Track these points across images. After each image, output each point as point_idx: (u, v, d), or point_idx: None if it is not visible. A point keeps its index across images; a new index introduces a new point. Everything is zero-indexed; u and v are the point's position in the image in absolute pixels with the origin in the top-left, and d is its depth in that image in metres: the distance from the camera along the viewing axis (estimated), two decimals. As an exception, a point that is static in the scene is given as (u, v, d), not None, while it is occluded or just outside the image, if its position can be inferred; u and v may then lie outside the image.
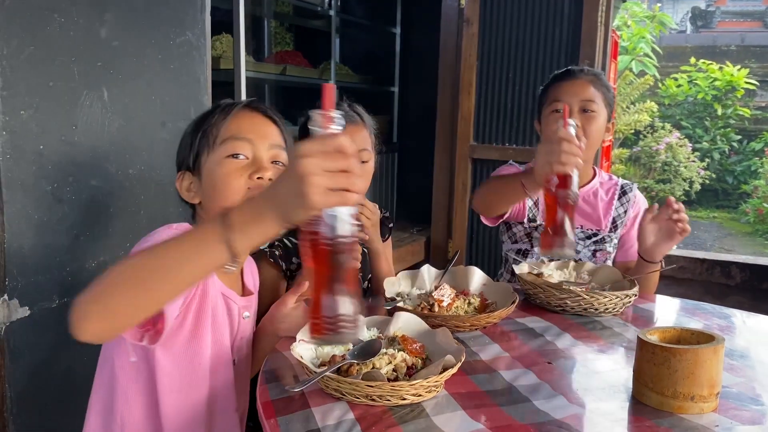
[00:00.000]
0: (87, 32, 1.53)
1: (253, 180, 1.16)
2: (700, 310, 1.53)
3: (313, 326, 0.80)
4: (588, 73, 1.74)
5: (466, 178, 3.34)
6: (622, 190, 1.85)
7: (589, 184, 1.84)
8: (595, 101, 1.69)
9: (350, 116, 1.59)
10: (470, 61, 3.26)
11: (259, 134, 1.20)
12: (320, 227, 0.77)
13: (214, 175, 1.17)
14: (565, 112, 1.40)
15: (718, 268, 3.28)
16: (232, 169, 1.16)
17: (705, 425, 0.94)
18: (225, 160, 1.17)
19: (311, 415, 0.95)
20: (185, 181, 1.23)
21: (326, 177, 0.74)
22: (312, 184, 0.73)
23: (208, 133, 1.19)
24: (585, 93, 1.69)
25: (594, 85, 1.70)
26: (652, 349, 1.00)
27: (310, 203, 0.74)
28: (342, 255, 0.78)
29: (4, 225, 1.39)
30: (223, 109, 1.22)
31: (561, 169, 1.28)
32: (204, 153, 1.19)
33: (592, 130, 1.67)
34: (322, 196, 0.74)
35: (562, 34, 3.07)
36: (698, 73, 9.62)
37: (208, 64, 1.92)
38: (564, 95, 1.69)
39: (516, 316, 1.44)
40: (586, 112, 1.68)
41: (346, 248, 0.78)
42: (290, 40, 4.16)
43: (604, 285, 1.57)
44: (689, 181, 8.77)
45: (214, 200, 1.18)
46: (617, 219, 1.83)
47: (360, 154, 1.59)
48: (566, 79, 1.73)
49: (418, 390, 0.98)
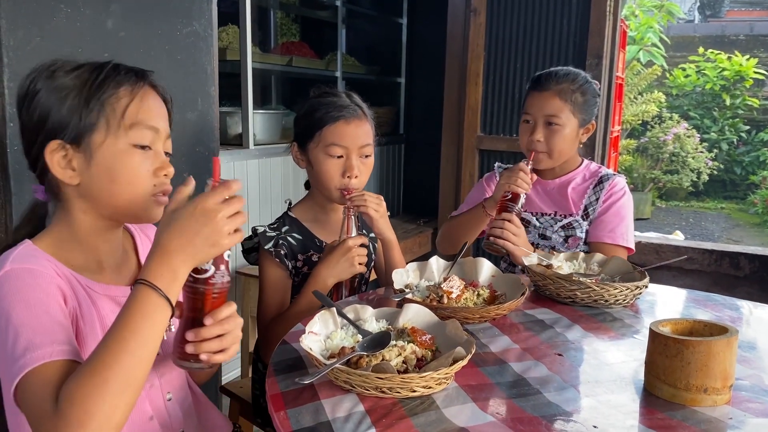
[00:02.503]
0: (93, 23, 1.52)
1: (159, 177, 1.03)
2: (711, 302, 1.52)
3: (178, 352, 0.96)
4: (560, 81, 1.80)
5: (473, 169, 3.33)
6: (600, 179, 1.89)
7: (570, 173, 1.93)
8: (560, 115, 1.79)
9: (353, 110, 1.58)
10: (477, 51, 3.24)
11: (162, 121, 1.05)
12: (210, 270, 0.93)
13: (116, 164, 0.99)
14: (529, 158, 1.80)
15: (726, 259, 3.26)
16: (139, 161, 1.01)
17: (718, 418, 0.94)
18: (131, 150, 1.00)
19: (321, 407, 0.95)
20: (58, 154, 0.98)
21: (230, 222, 0.88)
22: (222, 232, 0.88)
23: (107, 106, 0.98)
24: (550, 107, 1.80)
25: (561, 97, 1.79)
26: (664, 341, 0.99)
27: (221, 247, 0.89)
28: (214, 298, 0.95)
29: (12, 217, 1.38)
30: (122, 78, 1.01)
31: (515, 189, 1.70)
32: (100, 130, 0.98)
33: (556, 141, 1.81)
34: (230, 238, 0.89)
35: (570, 23, 3.04)
36: (706, 63, 9.55)
37: (215, 55, 1.91)
38: (531, 108, 1.84)
39: (525, 307, 1.43)
40: (551, 125, 1.81)
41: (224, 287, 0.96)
42: (296, 31, 4.14)
43: (614, 276, 1.56)
44: (697, 171, 8.73)
45: (110, 193, 1.01)
46: (589, 207, 1.88)
47: (362, 150, 1.58)
48: (536, 89, 1.84)
49: (428, 382, 0.97)
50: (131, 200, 1.01)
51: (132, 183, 1.00)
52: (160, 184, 1.03)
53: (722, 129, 9.42)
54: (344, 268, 1.50)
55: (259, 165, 3.06)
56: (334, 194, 1.58)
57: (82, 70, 1.00)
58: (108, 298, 1.05)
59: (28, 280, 0.93)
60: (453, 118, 3.44)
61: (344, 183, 1.56)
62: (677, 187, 9.07)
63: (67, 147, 0.98)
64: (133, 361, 0.84)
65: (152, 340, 0.86)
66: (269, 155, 3.11)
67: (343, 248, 1.50)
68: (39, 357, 0.85)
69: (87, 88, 0.98)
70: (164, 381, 1.11)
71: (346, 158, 1.56)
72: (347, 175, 1.56)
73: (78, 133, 0.98)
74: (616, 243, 1.82)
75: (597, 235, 1.85)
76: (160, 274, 0.87)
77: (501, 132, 3.27)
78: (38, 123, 0.99)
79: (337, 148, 1.55)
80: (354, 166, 1.56)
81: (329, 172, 1.56)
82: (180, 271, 0.88)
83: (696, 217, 8.77)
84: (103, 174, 0.99)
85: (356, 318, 1.18)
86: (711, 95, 9.55)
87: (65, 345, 0.88)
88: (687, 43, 10.47)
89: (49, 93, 0.98)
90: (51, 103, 0.98)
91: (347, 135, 1.56)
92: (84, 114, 0.97)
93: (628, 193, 1.89)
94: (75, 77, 0.99)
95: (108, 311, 1.03)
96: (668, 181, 8.87)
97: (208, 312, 0.94)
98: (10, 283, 0.92)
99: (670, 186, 9.05)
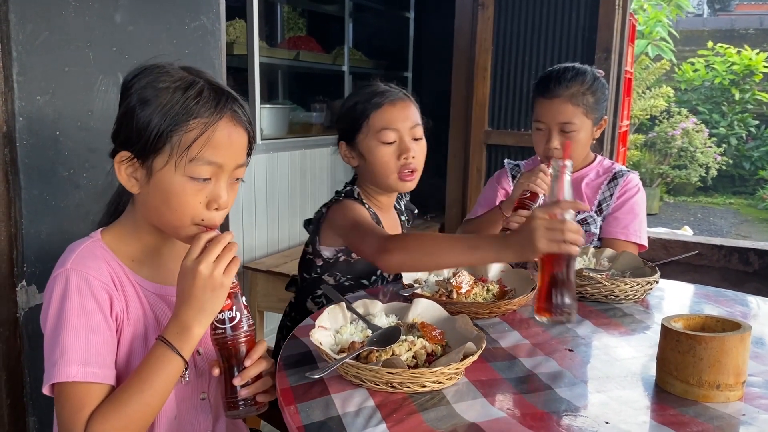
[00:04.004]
0: (102, 17, 1.52)
1: (209, 210, 1.02)
2: (722, 297, 1.51)
3: (227, 405, 1.04)
4: (570, 85, 1.75)
5: (480, 163, 3.32)
6: (614, 175, 1.88)
7: (584, 168, 1.91)
8: (574, 120, 1.76)
9: (395, 92, 1.57)
10: (485, 45, 3.23)
11: (230, 155, 1.02)
12: (235, 319, 1.02)
13: (170, 190, 1.00)
14: (548, 164, 1.67)
15: (736, 254, 3.24)
16: (192, 192, 1.00)
17: (731, 414, 0.93)
18: (187, 180, 0.99)
19: (331, 401, 0.94)
20: (127, 167, 1.02)
21: (227, 274, 0.99)
22: (225, 286, 0.99)
23: (175, 136, 0.98)
24: (563, 115, 1.76)
25: (573, 102, 1.75)
26: (677, 337, 0.98)
27: (224, 290, 0.99)
28: (241, 344, 1.03)
29: (22, 211, 1.39)
30: (200, 109, 0.99)
31: (534, 188, 1.63)
32: (164, 155, 0.99)
33: (573, 147, 1.77)
34: (227, 290, 1.00)
35: (579, 17, 3.02)
36: (715, 57, 9.48)
37: (223, 49, 1.91)
38: (543, 116, 1.79)
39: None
40: (566, 132, 1.77)
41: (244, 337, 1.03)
42: (303, 25, 4.13)
43: (624, 271, 1.55)
44: (705, 167, 8.68)
45: (159, 212, 1.03)
46: (602, 202, 1.87)
47: (413, 131, 1.56)
48: (546, 96, 1.78)
49: (438, 377, 0.97)
50: (175, 225, 1.03)
51: (179, 210, 1.01)
52: (209, 219, 1.03)
53: (731, 124, 9.35)
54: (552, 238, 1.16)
55: (266, 160, 3.05)
56: (392, 180, 1.55)
57: (170, 88, 1.00)
58: (158, 297, 1.10)
59: (84, 291, 0.99)
60: (460, 112, 3.43)
61: (401, 164, 1.53)
62: (685, 183, 9.03)
63: (134, 159, 1.01)
64: (148, 410, 0.97)
65: (166, 391, 0.98)
66: (276, 150, 3.10)
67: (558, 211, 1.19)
68: (79, 374, 0.94)
69: (164, 110, 0.98)
70: (200, 381, 1.13)
71: (399, 141, 1.54)
72: (403, 156, 1.53)
73: (145, 151, 1.00)
74: (629, 240, 1.81)
75: (610, 232, 1.84)
76: (175, 332, 0.98)
77: (509, 127, 3.25)
78: (123, 120, 1.02)
79: (389, 132, 1.53)
80: (409, 147, 1.53)
81: (384, 157, 1.53)
82: (194, 327, 0.98)
83: (704, 212, 8.73)
84: (157, 194, 1.02)
85: (366, 313, 1.18)
86: (720, 90, 9.48)
87: (106, 370, 0.98)
88: (696, 37, 10.39)
89: (136, 100, 1.00)
90: (134, 111, 1.00)
91: (396, 117, 1.54)
92: (154, 136, 0.98)
93: (642, 190, 1.88)
94: (160, 92, 0.99)
95: (158, 310, 1.09)
96: (676, 177, 8.82)
97: (243, 358, 1.02)
98: (68, 287, 0.98)
99: (678, 181, 9.00)
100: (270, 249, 3.18)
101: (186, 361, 0.98)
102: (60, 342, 0.95)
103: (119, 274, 1.05)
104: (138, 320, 1.06)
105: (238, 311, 1.02)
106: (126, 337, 1.04)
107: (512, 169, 2.04)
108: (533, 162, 1.98)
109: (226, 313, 1.01)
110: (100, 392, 0.96)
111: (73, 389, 0.95)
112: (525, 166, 2.01)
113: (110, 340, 1.00)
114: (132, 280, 1.06)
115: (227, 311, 1.01)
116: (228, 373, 1.03)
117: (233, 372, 1.02)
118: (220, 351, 1.03)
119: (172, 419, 1.09)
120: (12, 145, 1.36)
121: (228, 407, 1.03)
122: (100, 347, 0.98)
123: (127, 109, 1.01)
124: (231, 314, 1.01)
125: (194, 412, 1.12)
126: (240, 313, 1.02)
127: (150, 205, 1.04)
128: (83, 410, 0.94)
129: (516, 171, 2.03)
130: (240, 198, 2.86)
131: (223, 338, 1.01)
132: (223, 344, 1.02)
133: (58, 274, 1.00)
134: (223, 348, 1.02)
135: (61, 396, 0.96)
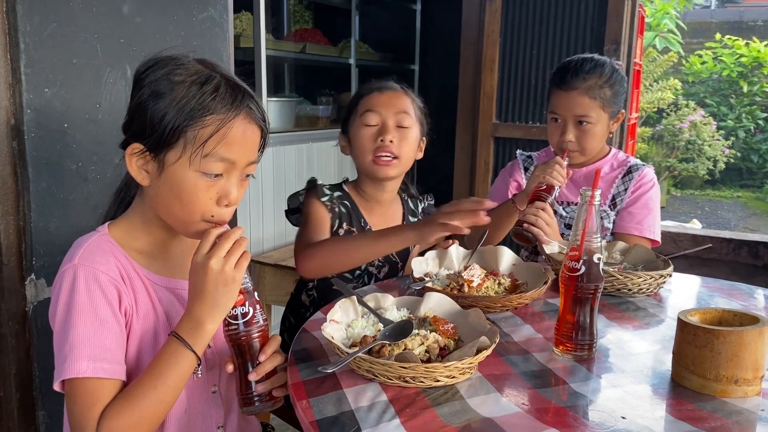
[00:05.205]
0: (109, 8, 1.51)
1: (220, 206, 1.02)
2: (737, 291, 1.49)
3: (243, 401, 1.03)
4: (587, 78, 1.72)
5: (488, 157, 3.30)
6: (629, 169, 1.86)
7: (598, 161, 1.89)
8: (591, 113, 1.74)
9: (391, 85, 1.59)
10: (493, 38, 3.20)
11: (243, 152, 1.01)
12: (248, 314, 1.02)
13: (182, 184, 0.99)
14: (563, 156, 1.74)
15: (745, 248, 3.22)
16: (203, 187, 1.00)
17: (749, 409, 0.91)
18: (199, 176, 0.99)
19: (343, 396, 0.94)
20: (138, 159, 1.01)
21: (238, 269, 0.98)
22: (237, 281, 0.98)
23: (190, 131, 0.97)
24: (579, 108, 1.74)
25: (590, 95, 1.73)
26: (693, 331, 0.97)
27: (236, 285, 0.99)
28: (255, 339, 1.02)
29: (30, 204, 1.38)
30: (216, 105, 0.98)
31: (550, 180, 1.65)
32: (177, 150, 0.98)
33: (588, 140, 1.77)
34: (239, 285, 0.99)
35: (588, 8, 3.00)
36: (723, 49, 9.39)
37: (231, 41, 1.90)
38: (558, 108, 1.77)
39: (547, 296, 1.41)
40: (582, 124, 1.75)
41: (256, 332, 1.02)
42: (309, 17, 4.11)
43: (636, 265, 1.53)
44: (713, 160, 8.61)
45: (169, 206, 1.02)
46: (617, 196, 1.85)
47: (398, 117, 1.55)
48: (562, 88, 1.76)
49: (452, 372, 0.96)
50: (184, 220, 1.03)
51: (189, 205, 1.01)
52: (219, 215, 1.02)
53: (739, 116, 9.27)
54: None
55: (273, 153, 3.04)
56: (368, 163, 1.55)
57: (186, 82, 0.98)
58: (167, 290, 1.09)
59: (92, 286, 0.98)
60: (468, 105, 3.41)
61: (377, 146, 1.54)
62: (693, 176, 8.96)
63: (145, 152, 1.00)
64: (162, 406, 0.96)
65: (179, 387, 0.98)
66: (283, 143, 3.09)
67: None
68: (89, 369, 0.94)
69: (180, 104, 0.97)
70: (211, 374, 1.12)
71: (381, 125, 1.55)
72: (380, 138, 1.53)
73: (158, 145, 0.99)
74: (642, 235, 1.79)
75: (624, 226, 1.82)
76: (188, 328, 0.97)
77: (517, 119, 3.23)
78: (136, 112, 1.00)
79: (371, 114, 1.54)
80: (389, 130, 1.53)
81: (363, 138, 1.55)
82: (207, 323, 0.97)
83: (712, 205, 8.67)
84: (168, 188, 1.01)
85: (377, 306, 1.17)
86: (728, 82, 9.39)
87: (117, 365, 0.97)
88: (704, 29, 10.31)
89: (150, 92, 0.98)
90: (148, 103, 0.98)
91: (381, 102, 1.55)
92: (168, 130, 0.97)
93: (656, 184, 1.86)
94: (176, 86, 0.98)
95: (167, 303, 1.08)
96: (684, 170, 8.76)
97: (256, 353, 1.02)
98: (76, 282, 0.97)
99: (686, 174, 8.94)
100: (277, 242, 3.18)
101: (199, 357, 0.98)
102: (69, 338, 0.95)
103: (127, 268, 1.04)
104: (147, 314, 1.05)
105: (251, 306, 1.01)
106: (135, 332, 1.03)
107: (525, 161, 2.01)
108: (546, 154, 1.96)
109: (239, 309, 1.00)
110: (111, 388, 0.96)
111: (84, 385, 0.94)
112: (538, 158, 1.99)
113: (120, 336, 0.99)
114: (140, 274, 1.06)
115: (240, 306, 1.00)
116: (242, 369, 1.02)
117: (247, 368, 1.02)
118: (233, 347, 1.02)
119: (182, 413, 1.08)
120: (20, 137, 1.35)
121: (244, 403, 1.02)
122: (110, 343, 0.97)
123: (140, 101, 0.99)
124: (244, 309, 1.01)
125: (205, 405, 1.12)
126: (253, 308, 1.02)
127: (160, 199, 1.03)
128: (95, 406, 0.93)
129: (528, 163, 2.00)
130: (247, 191, 2.87)
131: (237, 334, 1.01)
132: (237, 340, 1.01)
133: (65, 270, 0.99)
134: (236, 343, 1.02)
135: (72, 392, 0.95)
